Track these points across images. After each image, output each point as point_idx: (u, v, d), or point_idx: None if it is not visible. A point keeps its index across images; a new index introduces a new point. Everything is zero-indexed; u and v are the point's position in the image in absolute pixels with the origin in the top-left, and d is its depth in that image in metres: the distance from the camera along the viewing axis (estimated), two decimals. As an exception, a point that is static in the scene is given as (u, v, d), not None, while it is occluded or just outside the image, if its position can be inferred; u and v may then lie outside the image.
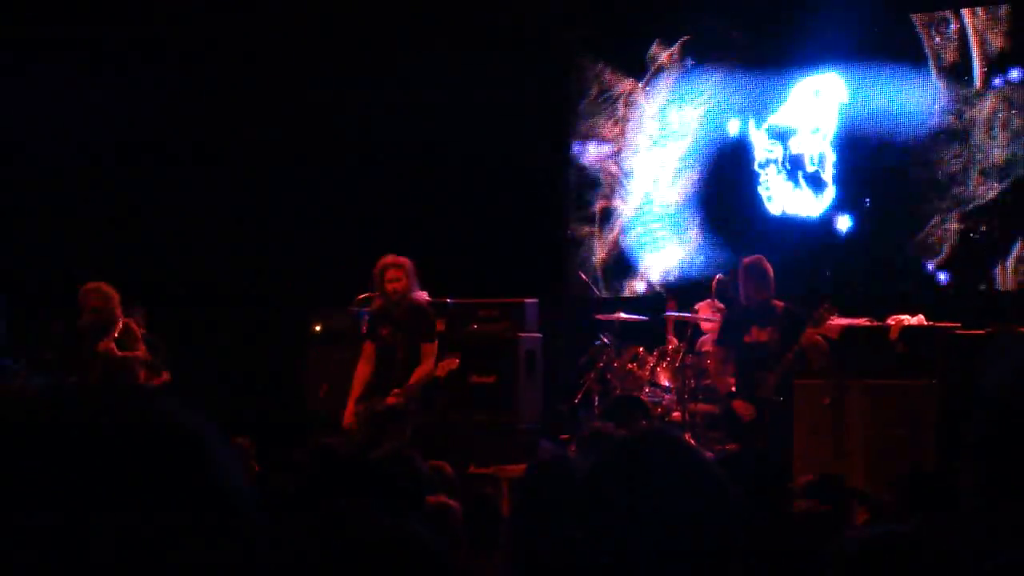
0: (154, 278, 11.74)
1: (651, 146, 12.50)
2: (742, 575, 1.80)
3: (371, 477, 2.57)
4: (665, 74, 12.42)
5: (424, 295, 10.89)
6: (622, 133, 12.64)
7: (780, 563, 3.20)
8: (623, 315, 10.81)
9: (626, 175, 12.58)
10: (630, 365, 10.30)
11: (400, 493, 2.58)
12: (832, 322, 8.72)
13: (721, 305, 9.96)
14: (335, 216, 12.26)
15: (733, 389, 8.88)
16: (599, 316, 10.96)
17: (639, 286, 12.44)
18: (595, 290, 11.98)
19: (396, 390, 8.35)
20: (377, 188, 12.42)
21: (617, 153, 12.65)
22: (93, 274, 9.75)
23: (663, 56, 12.45)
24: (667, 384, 10.19)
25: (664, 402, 10.14)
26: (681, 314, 10.56)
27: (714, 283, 10.19)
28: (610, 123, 12.71)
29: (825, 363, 8.66)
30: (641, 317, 10.83)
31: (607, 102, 12.71)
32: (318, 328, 11.35)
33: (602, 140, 12.70)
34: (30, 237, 11.92)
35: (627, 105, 12.65)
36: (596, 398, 10.38)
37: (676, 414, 9.96)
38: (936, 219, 11.11)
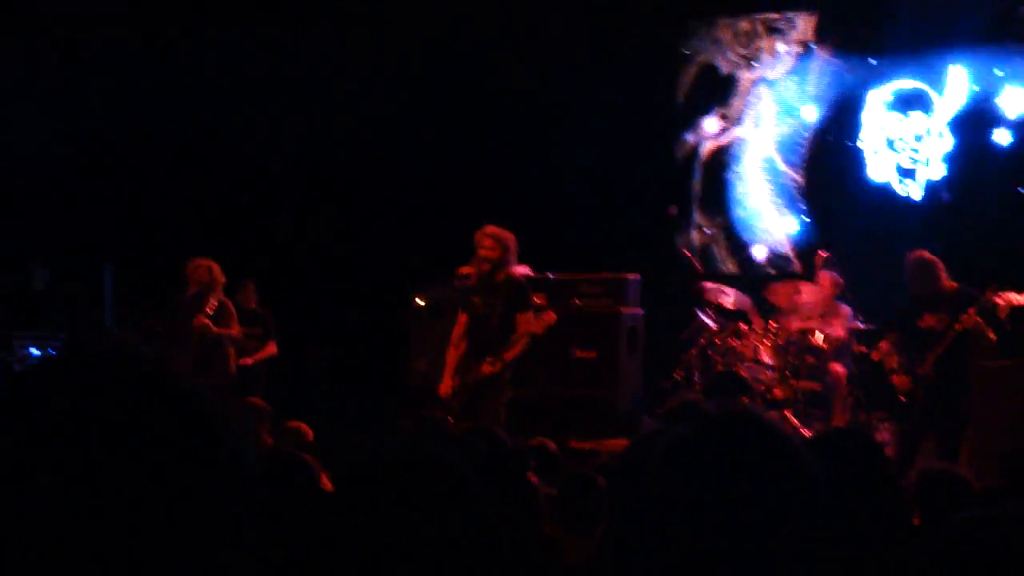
0: (263, 253, 11.94)
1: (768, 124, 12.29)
2: (827, 561, 1.76)
3: (461, 452, 2.58)
4: (780, 61, 12.22)
5: (525, 269, 10.89)
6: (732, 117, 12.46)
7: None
8: (726, 291, 10.69)
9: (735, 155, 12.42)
10: (732, 342, 10.18)
11: (484, 468, 2.58)
12: (1008, 299, 8.42)
13: (840, 280, 9.85)
14: (438, 190, 12.32)
15: (895, 366, 8.73)
16: (705, 284, 10.80)
17: (744, 262, 12.31)
18: (698, 266, 11.87)
19: (489, 358, 8.04)
20: (481, 162, 12.45)
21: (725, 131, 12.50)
22: (205, 248, 9.94)
23: (780, 46, 12.25)
24: (768, 361, 10.06)
25: (766, 379, 10.02)
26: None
27: (817, 259, 10.03)
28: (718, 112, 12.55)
29: (989, 348, 8.45)
30: (742, 296, 10.69)
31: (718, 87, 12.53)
32: (420, 302, 11.42)
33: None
34: (143, 210, 12.17)
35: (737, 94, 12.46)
36: (697, 374, 10.29)
37: (778, 391, 9.84)
38: None
